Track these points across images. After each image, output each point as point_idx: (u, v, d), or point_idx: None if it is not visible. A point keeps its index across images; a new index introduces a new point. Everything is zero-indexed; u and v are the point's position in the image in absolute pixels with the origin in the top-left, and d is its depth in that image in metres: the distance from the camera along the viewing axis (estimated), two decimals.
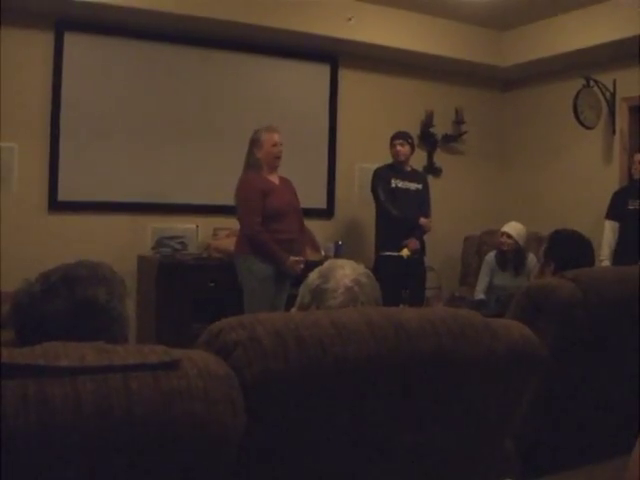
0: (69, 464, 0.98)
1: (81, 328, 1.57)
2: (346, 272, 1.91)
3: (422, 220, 5.90)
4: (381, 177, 6.00)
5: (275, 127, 5.00)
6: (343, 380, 1.29)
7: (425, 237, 6.04)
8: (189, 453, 1.07)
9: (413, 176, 6.12)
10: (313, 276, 1.95)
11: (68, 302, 1.57)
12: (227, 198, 5.08)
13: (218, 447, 1.11)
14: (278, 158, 4.95)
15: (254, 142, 4.95)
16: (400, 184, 5.97)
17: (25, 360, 1.00)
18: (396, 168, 6.05)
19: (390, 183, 5.95)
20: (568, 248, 3.19)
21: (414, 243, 5.80)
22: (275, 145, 4.92)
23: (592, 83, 6.37)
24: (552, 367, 1.89)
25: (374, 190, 6.02)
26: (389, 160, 6.11)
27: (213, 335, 1.28)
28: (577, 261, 2.86)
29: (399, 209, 5.85)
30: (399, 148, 5.98)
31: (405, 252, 5.65)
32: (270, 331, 1.26)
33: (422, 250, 6.00)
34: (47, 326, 1.54)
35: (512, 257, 5.96)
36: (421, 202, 6.07)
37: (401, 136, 6.04)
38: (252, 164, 4.94)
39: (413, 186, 6.05)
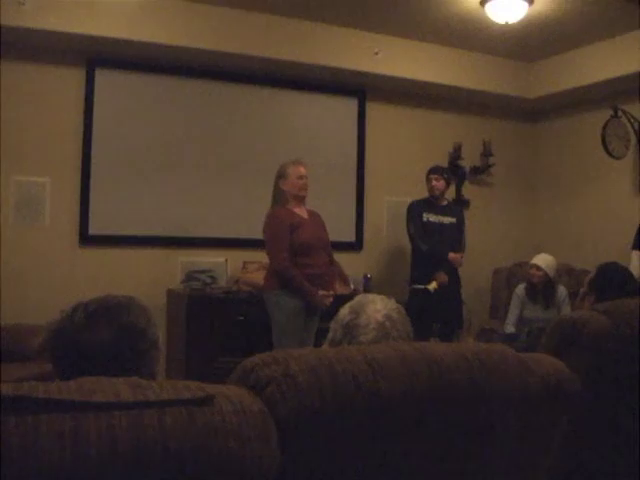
0: None
1: (124, 353, 1.61)
2: (377, 307, 1.91)
3: (451, 255, 5.88)
4: (413, 211, 6.03)
5: (301, 160, 5.01)
6: (377, 416, 1.29)
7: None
8: None
9: (448, 210, 6.12)
10: (344, 312, 1.95)
11: (111, 329, 1.61)
12: (256, 231, 5.07)
13: None
14: (304, 190, 4.95)
15: (280, 175, 4.95)
16: (432, 218, 5.98)
17: (61, 395, 1.01)
18: (430, 202, 6.06)
19: (422, 217, 5.96)
20: (612, 282, 3.15)
21: (442, 277, 5.78)
22: (301, 177, 4.92)
23: (620, 113, 6.34)
24: (585, 400, 1.87)
25: (407, 224, 6.04)
26: (417, 193, 6.14)
27: (247, 371, 1.29)
28: (619, 296, 2.81)
29: (428, 243, 5.85)
30: (434, 183, 6.00)
31: (433, 285, 5.65)
32: (304, 367, 1.26)
33: (457, 284, 6.00)
34: (91, 354, 1.56)
35: (542, 289, 5.91)
36: (454, 236, 6.07)
37: (437, 171, 6.06)
38: (278, 198, 4.94)
39: (447, 220, 6.05)
